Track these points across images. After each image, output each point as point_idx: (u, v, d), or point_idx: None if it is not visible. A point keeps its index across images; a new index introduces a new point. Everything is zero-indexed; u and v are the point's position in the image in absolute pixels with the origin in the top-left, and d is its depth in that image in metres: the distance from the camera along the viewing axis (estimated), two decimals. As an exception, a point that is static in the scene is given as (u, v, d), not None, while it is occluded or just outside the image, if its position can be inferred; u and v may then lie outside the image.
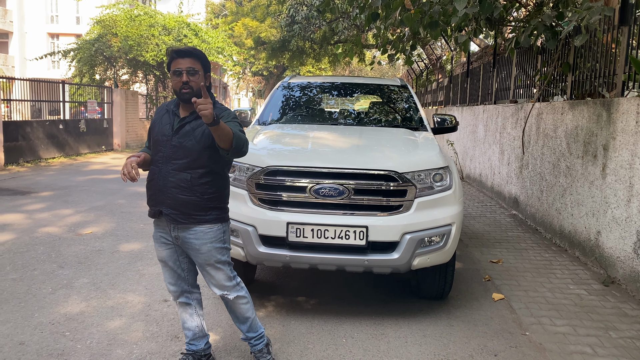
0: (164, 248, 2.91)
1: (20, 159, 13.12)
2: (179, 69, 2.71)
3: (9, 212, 7.25)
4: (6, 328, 3.56)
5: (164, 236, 2.89)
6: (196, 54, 2.76)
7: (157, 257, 2.98)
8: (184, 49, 2.76)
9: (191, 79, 2.71)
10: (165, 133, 2.80)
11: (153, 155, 2.84)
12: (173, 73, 2.73)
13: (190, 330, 3.06)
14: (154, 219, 2.90)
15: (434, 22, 5.76)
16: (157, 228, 2.92)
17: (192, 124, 2.77)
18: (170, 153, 2.75)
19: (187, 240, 2.83)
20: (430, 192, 3.69)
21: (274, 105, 5.45)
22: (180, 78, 2.70)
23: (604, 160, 4.92)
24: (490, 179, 9.08)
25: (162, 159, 2.77)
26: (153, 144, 2.86)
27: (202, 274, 2.94)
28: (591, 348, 3.44)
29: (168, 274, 2.97)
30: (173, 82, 2.74)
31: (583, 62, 5.77)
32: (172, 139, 2.76)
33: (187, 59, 2.73)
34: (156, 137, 2.83)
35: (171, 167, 2.75)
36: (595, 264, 5.00)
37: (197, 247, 2.82)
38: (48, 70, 34.12)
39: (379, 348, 3.40)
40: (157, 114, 2.93)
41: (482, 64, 11.30)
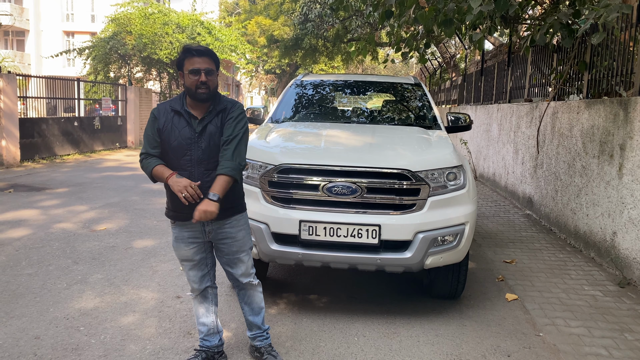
0: (192, 247, 2.92)
1: (36, 155, 13.28)
2: (197, 68, 2.70)
3: (25, 208, 7.34)
4: (22, 322, 3.61)
5: (192, 235, 2.89)
6: (212, 54, 2.79)
7: (181, 257, 2.95)
8: (203, 48, 2.76)
9: (209, 78, 2.72)
10: (187, 136, 2.74)
11: (174, 159, 2.77)
12: (190, 72, 2.70)
13: (205, 326, 3.07)
14: (177, 222, 2.89)
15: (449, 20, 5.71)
16: (183, 229, 2.88)
17: (213, 122, 2.78)
18: (200, 155, 2.74)
19: (222, 232, 2.89)
20: (444, 191, 3.67)
21: (287, 103, 5.46)
22: (198, 77, 2.69)
23: (621, 160, 4.86)
24: (504, 179, 9.01)
25: (190, 162, 2.75)
26: (173, 149, 2.76)
27: (230, 266, 2.99)
28: (606, 350, 3.39)
29: (193, 272, 2.98)
30: (189, 80, 2.71)
31: (600, 60, 5.69)
32: (199, 141, 2.74)
33: (205, 58, 2.73)
34: (177, 143, 2.74)
35: (204, 167, 2.75)
36: (611, 265, 4.94)
37: (233, 236, 2.91)
38: (63, 68, 34.48)
39: (391, 347, 3.39)
40: (163, 117, 2.79)
41: (496, 62, 11.21)
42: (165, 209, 2.98)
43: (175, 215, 2.88)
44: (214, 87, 2.75)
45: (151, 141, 2.81)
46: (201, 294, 3.05)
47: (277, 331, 3.57)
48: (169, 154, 2.78)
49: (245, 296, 3.09)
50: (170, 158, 2.78)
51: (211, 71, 2.73)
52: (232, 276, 3.06)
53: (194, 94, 2.72)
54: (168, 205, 2.92)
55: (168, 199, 2.90)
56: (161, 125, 2.78)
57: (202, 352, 3.06)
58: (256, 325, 3.14)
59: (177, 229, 2.91)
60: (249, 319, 3.14)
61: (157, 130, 2.79)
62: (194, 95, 2.73)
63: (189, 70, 2.71)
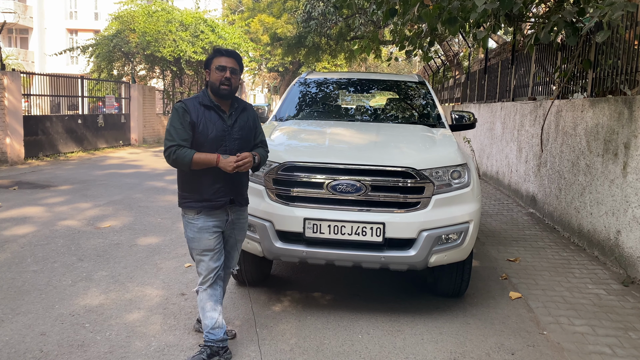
0: (215, 237, 3.09)
1: (40, 153, 13.32)
2: (224, 66, 2.98)
3: (29, 205, 7.37)
4: (28, 319, 3.63)
5: (217, 224, 3.09)
6: (239, 57, 3.11)
7: (204, 247, 3.07)
8: (231, 50, 3.09)
9: (233, 77, 3.01)
10: (222, 128, 3.01)
11: (210, 150, 2.95)
12: (217, 68, 2.98)
13: (212, 319, 3.11)
14: (203, 212, 3.04)
15: (453, 18, 5.70)
16: (209, 218, 3.06)
17: (242, 116, 3.12)
18: (234, 146, 3.03)
19: (239, 221, 3.23)
20: (448, 189, 3.67)
21: (291, 101, 5.46)
22: (223, 73, 2.98)
23: (625, 158, 4.85)
24: (508, 177, 9.00)
25: (225, 152, 2.99)
26: (209, 140, 2.96)
27: (230, 252, 3.28)
28: (610, 348, 3.40)
29: (212, 261, 3.10)
30: (215, 76, 2.98)
31: (604, 58, 5.68)
32: (232, 132, 3.03)
33: (232, 59, 3.03)
34: (214, 134, 2.97)
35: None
36: (615, 263, 4.94)
37: (243, 225, 3.29)
38: (67, 65, 34.55)
39: (395, 344, 3.40)
40: (194, 111, 2.97)
41: (500, 60, 11.19)
42: (183, 202, 3.06)
43: (203, 206, 3.02)
44: (235, 86, 3.03)
45: (181, 133, 2.93)
46: (211, 286, 3.12)
47: (281, 328, 3.58)
48: (205, 146, 2.96)
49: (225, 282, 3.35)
50: (206, 150, 2.95)
51: (235, 71, 3.03)
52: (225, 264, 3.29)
53: (217, 89, 2.99)
54: (192, 196, 3.03)
55: (192, 189, 3.02)
56: (195, 119, 2.96)
57: (207, 348, 3.08)
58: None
59: (201, 219, 3.05)
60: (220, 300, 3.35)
61: (189, 123, 2.95)
62: (217, 90, 2.99)
63: (217, 66, 2.98)
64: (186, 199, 3.06)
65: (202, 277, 3.13)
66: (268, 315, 3.80)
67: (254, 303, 4.02)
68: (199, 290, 3.14)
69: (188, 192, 3.05)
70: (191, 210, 3.06)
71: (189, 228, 3.08)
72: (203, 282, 3.12)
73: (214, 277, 3.13)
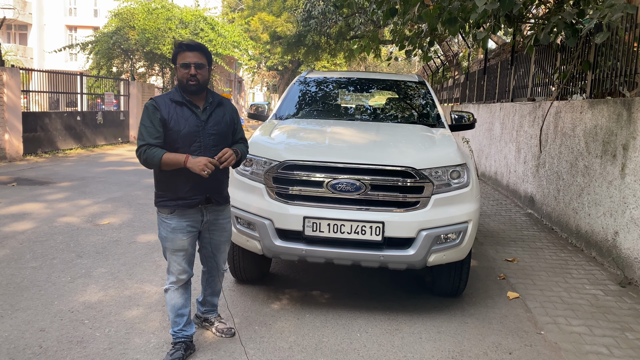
0: (189, 237, 3.04)
1: (39, 149, 13.31)
2: (188, 62, 2.88)
3: (28, 201, 7.37)
4: (27, 315, 3.64)
5: (190, 224, 3.02)
6: (204, 49, 2.96)
7: (177, 247, 3.02)
8: (194, 43, 2.93)
9: (199, 72, 2.90)
10: (195, 123, 2.92)
11: (183, 147, 2.88)
12: (181, 65, 2.89)
13: (184, 317, 3.14)
14: (177, 211, 2.97)
15: (453, 18, 5.72)
16: (183, 218, 2.99)
17: (217, 111, 3.03)
18: (209, 141, 2.94)
19: (217, 221, 3.14)
20: (448, 189, 3.68)
21: (291, 100, 5.47)
22: (188, 70, 2.88)
23: (624, 160, 4.87)
24: (506, 177, 9.03)
25: (199, 148, 2.91)
26: (181, 137, 2.89)
27: (215, 254, 3.24)
28: (607, 349, 3.42)
29: (185, 261, 3.07)
30: (180, 73, 2.90)
31: (604, 60, 5.70)
32: (206, 127, 2.94)
33: (195, 53, 2.91)
34: (186, 130, 2.89)
35: (212, 154, 2.91)
36: (612, 264, 4.96)
37: (224, 225, 3.19)
38: (66, 62, 34.49)
39: (393, 343, 3.41)
40: (164, 108, 2.90)
41: (499, 61, 11.21)
42: (158, 200, 3.00)
43: (177, 204, 2.95)
44: (203, 81, 2.93)
45: (152, 132, 2.88)
46: (184, 285, 3.12)
47: (280, 326, 3.60)
48: (178, 143, 2.89)
49: (213, 282, 3.33)
50: (179, 147, 2.88)
51: (201, 65, 2.91)
52: (212, 263, 3.28)
53: (185, 86, 2.91)
54: (166, 194, 2.96)
55: (167, 188, 2.95)
56: (166, 115, 2.88)
57: (182, 344, 3.11)
58: (212, 304, 3.46)
59: (175, 219, 2.98)
60: (208, 298, 3.42)
61: (160, 120, 2.88)
62: (184, 87, 2.92)
63: (180, 64, 2.89)
64: (161, 197, 2.99)
65: (173, 277, 3.08)
66: (267, 313, 3.81)
67: (252, 301, 4.03)
68: (170, 289, 3.10)
69: (163, 191, 2.97)
70: (165, 209, 2.99)
71: (162, 227, 3.03)
72: (174, 282, 3.08)
73: (186, 279, 3.11)
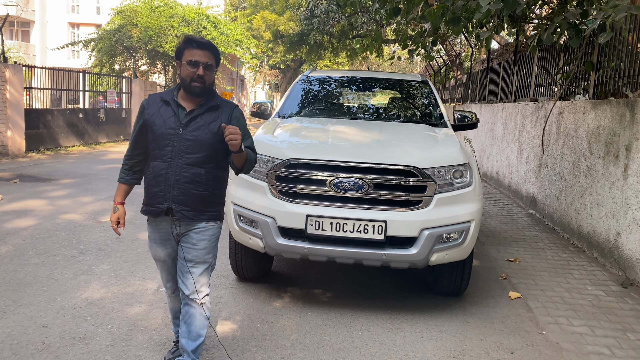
0: (164, 247, 2.80)
1: (41, 146, 13.32)
2: (196, 61, 2.58)
3: (31, 198, 7.39)
4: (30, 311, 3.65)
5: (164, 235, 2.77)
6: (215, 49, 2.67)
7: (154, 256, 2.88)
8: (205, 42, 2.64)
9: (207, 73, 2.61)
10: (171, 126, 2.62)
11: (156, 149, 2.66)
12: (188, 63, 2.59)
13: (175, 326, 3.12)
14: (150, 219, 2.79)
15: (456, 17, 5.71)
16: (155, 228, 2.78)
17: (204, 117, 2.65)
18: (182, 147, 2.61)
19: (188, 236, 2.71)
20: (450, 188, 3.69)
21: (293, 99, 5.47)
22: (195, 70, 2.58)
23: (626, 161, 4.87)
24: (508, 178, 9.02)
25: (171, 153, 2.61)
26: (156, 137, 2.65)
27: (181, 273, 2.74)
28: (608, 349, 3.42)
29: (166, 272, 2.91)
30: (185, 71, 2.60)
31: (607, 61, 5.70)
32: (184, 132, 2.61)
33: (206, 52, 2.62)
34: (160, 131, 2.63)
35: (184, 161, 2.61)
36: (614, 265, 4.96)
37: (194, 243, 2.70)
38: (68, 59, 34.53)
39: (394, 342, 3.42)
40: (151, 107, 2.71)
41: (502, 61, 11.20)
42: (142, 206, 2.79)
43: (145, 210, 2.75)
44: (209, 83, 2.64)
45: (132, 141, 2.79)
46: (170, 296, 3.02)
47: (282, 324, 3.60)
48: (153, 144, 2.67)
49: (187, 314, 2.75)
50: (154, 148, 2.67)
51: (210, 66, 2.62)
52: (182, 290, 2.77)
53: (188, 86, 2.62)
54: (144, 199, 2.77)
55: (145, 191, 2.76)
56: (148, 116, 2.69)
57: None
58: (186, 352, 2.74)
59: (150, 227, 2.82)
60: (182, 341, 2.75)
61: (142, 124, 2.71)
62: (187, 87, 2.62)
63: (188, 61, 2.59)
64: (142, 201, 2.79)
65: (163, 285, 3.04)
66: (269, 311, 3.82)
67: (254, 299, 4.04)
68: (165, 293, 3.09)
69: (144, 194, 2.77)
70: (146, 215, 2.80)
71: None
72: (165, 289, 3.03)
73: (169, 291, 3.00)
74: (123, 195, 2.86)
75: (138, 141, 2.77)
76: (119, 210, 2.82)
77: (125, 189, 2.87)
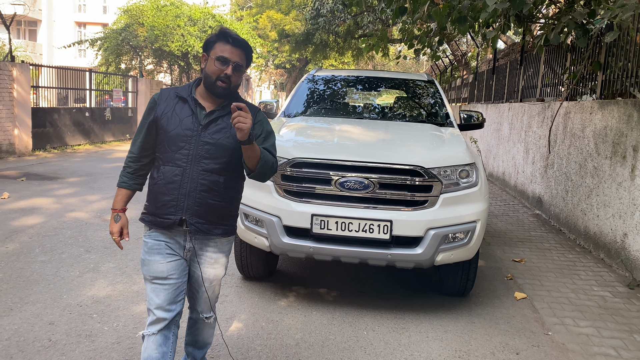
0: (169, 260, 2.36)
1: (48, 145, 13.39)
2: (227, 58, 2.26)
3: (37, 196, 7.42)
4: (36, 308, 3.67)
5: (171, 246, 2.38)
6: (249, 49, 2.35)
7: (154, 274, 2.35)
8: (242, 39, 2.32)
9: (235, 74, 2.29)
10: (189, 127, 2.30)
11: (168, 152, 2.32)
12: (217, 59, 2.26)
13: None
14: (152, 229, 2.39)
15: (463, 17, 5.70)
16: (160, 237, 2.37)
17: (225, 119, 2.34)
18: (200, 151, 2.29)
19: (203, 253, 2.44)
20: (456, 188, 3.68)
21: (299, 98, 5.47)
22: (224, 68, 2.26)
23: (634, 161, 4.84)
24: (514, 178, 8.99)
25: (187, 157, 2.29)
26: (169, 138, 2.31)
27: (197, 294, 2.54)
28: (615, 350, 3.40)
29: (165, 293, 2.35)
30: (212, 67, 2.27)
31: (614, 61, 5.66)
32: (202, 134, 2.30)
33: (239, 51, 2.30)
34: (175, 131, 2.30)
35: (202, 167, 2.30)
36: (621, 266, 4.94)
37: (213, 261, 2.46)
38: (75, 58, 34.68)
39: (400, 342, 3.41)
40: (164, 102, 2.36)
41: (508, 61, 11.16)
42: (142, 212, 2.44)
43: (151, 221, 2.37)
44: (235, 85, 2.32)
45: (137, 139, 2.42)
46: (162, 331, 2.36)
47: (287, 323, 3.61)
48: (165, 145, 2.32)
49: (195, 328, 2.64)
50: (166, 150, 2.32)
51: (240, 67, 2.30)
52: (192, 306, 2.61)
53: (212, 84, 2.28)
54: (148, 206, 2.40)
55: (149, 198, 2.40)
56: (160, 113, 2.34)
57: None
58: (193, 357, 2.71)
59: (150, 239, 2.39)
60: (188, 349, 2.70)
61: (152, 120, 2.36)
62: (211, 86, 2.29)
63: (217, 57, 2.26)
64: (144, 209, 2.43)
65: (150, 317, 2.36)
66: (274, 310, 3.82)
67: (260, 297, 4.04)
68: (145, 335, 2.38)
69: (147, 201, 2.41)
70: (145, 225, 2.41)
71: (143, 247, 2.42)
72: (151, 324, 2.36)
73: (166, 318, 2.35)
74: (125, 202, 2.48)
75: (147, 141, 2.41)
76: (121, 219, 2.45)
77: (128, 194, 2.48)
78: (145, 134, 2.41)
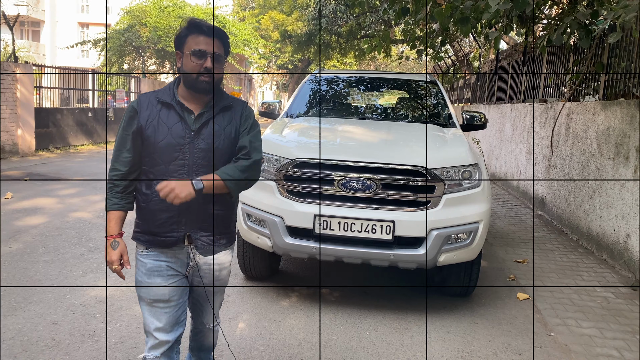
0: (171, 282, 2.19)
1: (51, 145, 13.43)
2: (203, 50, 2.06)
3: (40, 196, 7.45)
4: (40, 308, 3.68)
5: (172, 266, 2.20)
6: (225, 37, 2.16)
7: (155, 297, 2.17)
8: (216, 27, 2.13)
9: (216, 65, 2.09)
10: (180, 134, 2.10)
11: (160, 164, 2.10)
12: (193, 53, 2.06)
13: None
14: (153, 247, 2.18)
15: (465, 17, 5.70)
16: (160, 258, 2.18)
17: (217, 120, 2.15)
18: (197, 159, 2.10)
19: (207, 267, 2.26)
20: (459, 189, 3.68)
21: (302, 98, 5.47)
22: (202, 62, 2.06)
23: (637, 162, 4.83)
24: (516, 178, 8.98)
25: (183, 168, 2.09)
26: (159, 150, 2.09)
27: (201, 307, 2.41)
28: (618, 351, 3.40)
29: (167, 316, 2.19)
30: (189, 64, 2.07)
31: (617, 61, 5.66)
32: (195, 140, 2.10)
33: (216, 40, 2.10)
34: (166, 141, 2.09)
35: (200, 176, 2.06)
36: (624, 267, 4.93)
37: (217, 273, 2.30)
38: (77, 59, 34.74)
39: (402, 342, 3.42)
40: (146, 110, 2.13)
41: (511, 61, 11.16)
42: (134, 231, 2.21)
43: (150, 241, 2.17)
44: (218, 78, 2.14)
45: (120, 151, 2.15)
46: (166, 353, 2.21)
47: (289, 323, 3.61)
48: (155, 158, 2.10)
49: (199, 336, 2.54)
50: (157, 163, 2.10)
51: (219, 57, 2.11)
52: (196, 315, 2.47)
53: (194, 82, 2.08)
54: (142, 224, 2.19)
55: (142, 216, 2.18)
56: (144, 122, 2.11)
57: None
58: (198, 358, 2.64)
59: (151, 256, 2.18)
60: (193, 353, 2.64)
61: (136, 130, 2.12)
62: (193, 83, 2.09)
63: (192, 51, 2.06)
64: (137, 227, 2.21)
65: (150, 339, 2.20)
66: (276, 310, 3.83)
67: (262, 297, 4.05)
68: (146, 358, 2.21)
69: (140, 219, 2.20)
70: (141, 244, 2.20)
71: (138, 267, 2.21)
72: (152, 348, 2.20)
73: (168, 341, 2.20)
74: (120, 225, 2.19)
75: (134, 155, 2.15)
76: (119, 245, 2.17)
77: (121, 216, 2.19)
78: (131, 147, 2.14)
